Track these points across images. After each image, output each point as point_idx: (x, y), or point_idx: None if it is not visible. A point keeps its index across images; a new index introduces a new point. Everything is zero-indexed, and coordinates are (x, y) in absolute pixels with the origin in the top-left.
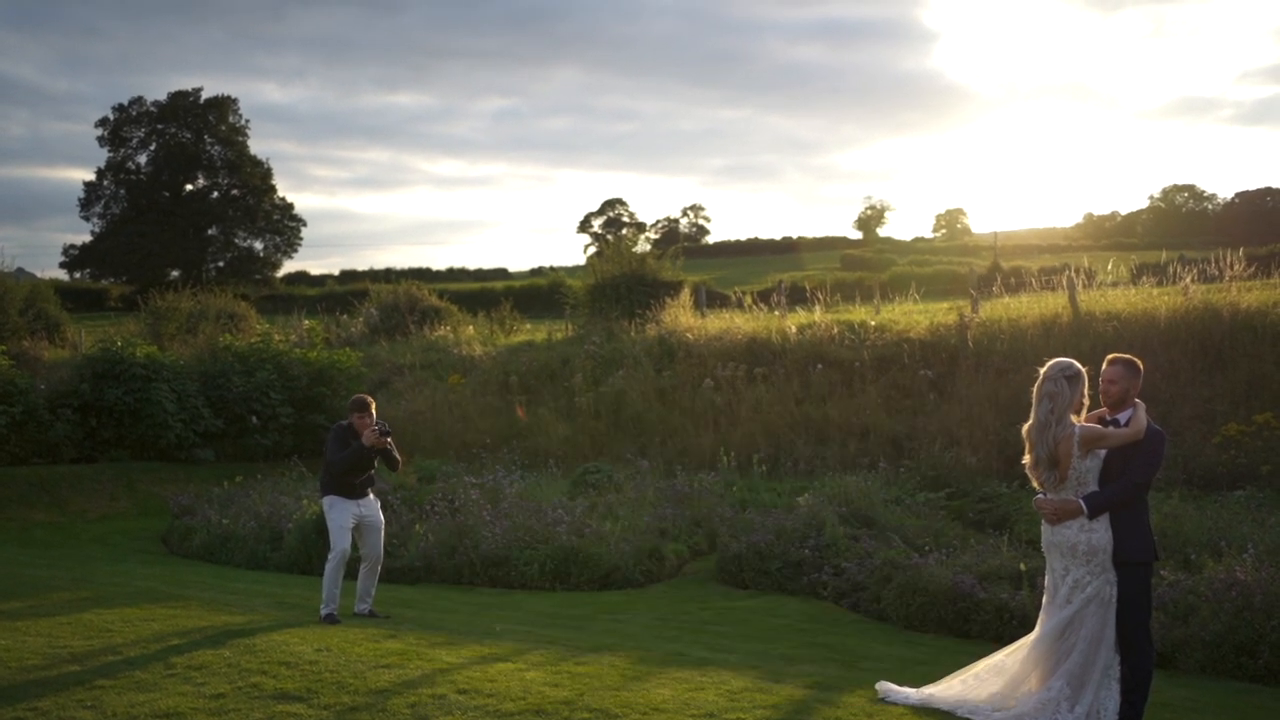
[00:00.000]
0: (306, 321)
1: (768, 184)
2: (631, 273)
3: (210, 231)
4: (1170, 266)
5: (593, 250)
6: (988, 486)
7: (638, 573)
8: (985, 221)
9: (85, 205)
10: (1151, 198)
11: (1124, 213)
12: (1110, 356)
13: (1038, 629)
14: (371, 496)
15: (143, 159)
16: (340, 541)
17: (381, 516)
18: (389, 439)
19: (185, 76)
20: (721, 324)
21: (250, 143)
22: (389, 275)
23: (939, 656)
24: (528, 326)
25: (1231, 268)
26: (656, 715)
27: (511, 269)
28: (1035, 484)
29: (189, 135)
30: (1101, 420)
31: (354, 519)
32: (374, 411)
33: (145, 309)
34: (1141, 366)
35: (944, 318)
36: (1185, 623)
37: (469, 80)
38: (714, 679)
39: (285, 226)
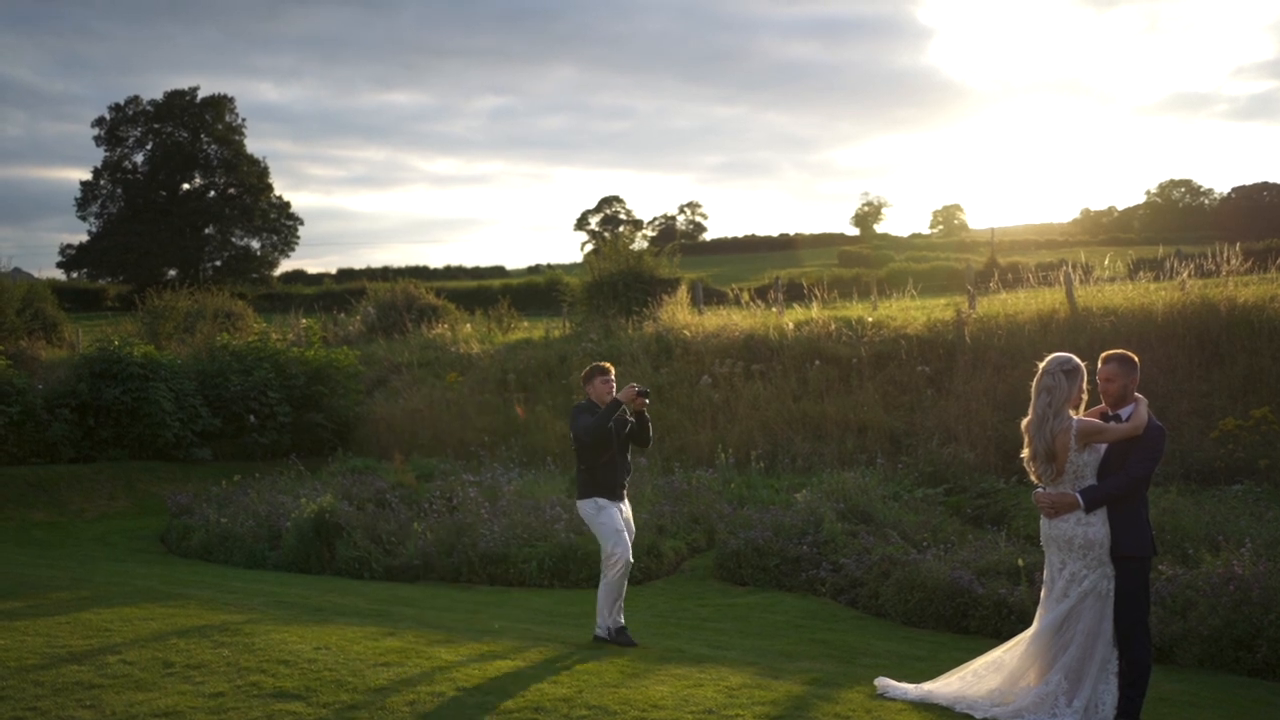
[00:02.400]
0: (304, 320)
1: (764, 181)
2: (629, 270)
3: (207, 231)
4: (1167, 262)
5: (590, 248)
6: (985, 482)
7: (636, 570)
8: (982, 218)
9: (82, 205)
10: (1148, 193)
11: (1121, 208)
12: (1105, 354)
13: (1035, 624)
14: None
15: (139, 158)
16: (621, 546)
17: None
18: (647, 400)
19: (181, 76)
20: (719, 321)
21: (247, 142)
22: (386, 274)
23: (937, 652)
24: (525, 324)
25: (1228, 262)
26: (655, 712)
27: (509, 267)
28: (1033, 477)
29: (185, 134)
30: (1103, 416)
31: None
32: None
33: (142, 308)
34: (1137, 360)
35: (941, 314)
36: (1183, 617)
37: (464, 79)
38: (712, 675)
39: (282, 225)
